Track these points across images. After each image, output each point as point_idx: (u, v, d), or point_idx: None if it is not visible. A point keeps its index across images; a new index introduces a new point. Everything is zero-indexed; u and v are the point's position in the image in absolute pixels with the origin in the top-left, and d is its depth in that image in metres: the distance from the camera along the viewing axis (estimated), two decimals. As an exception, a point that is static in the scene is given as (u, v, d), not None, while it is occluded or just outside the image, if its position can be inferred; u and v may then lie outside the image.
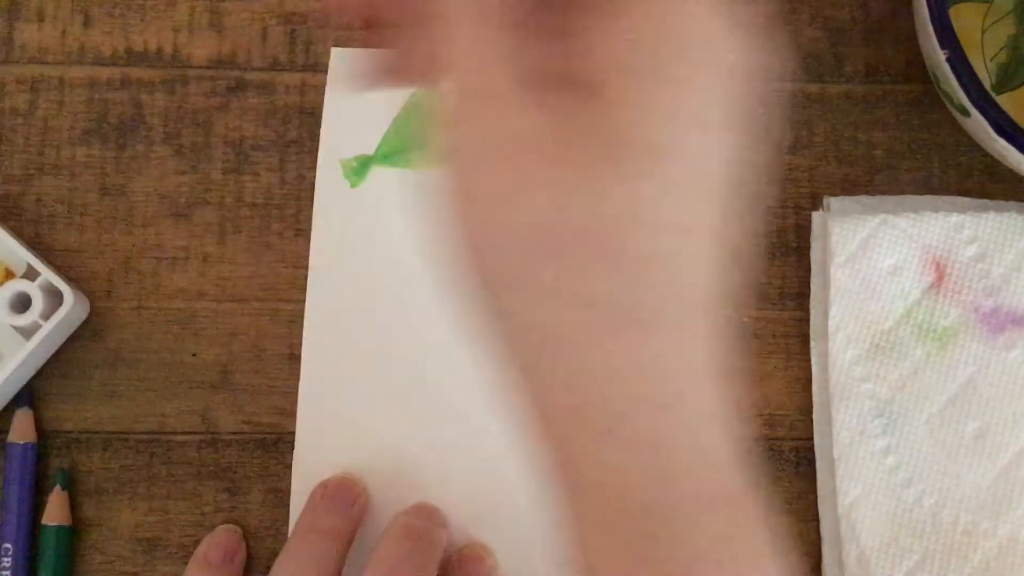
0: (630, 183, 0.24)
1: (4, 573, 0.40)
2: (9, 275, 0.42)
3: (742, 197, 0.27)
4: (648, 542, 0.26)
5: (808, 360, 0.42)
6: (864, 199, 0.43)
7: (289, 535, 0.40)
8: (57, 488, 0.41)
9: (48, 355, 0.42)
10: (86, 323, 0.42)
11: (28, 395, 0.42)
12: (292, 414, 0.42)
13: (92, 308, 0.42)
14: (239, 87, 0.44)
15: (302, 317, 0.42)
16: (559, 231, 0.25)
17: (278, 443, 0.42)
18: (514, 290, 0.26)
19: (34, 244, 0.43)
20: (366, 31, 0.30)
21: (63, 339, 0.42)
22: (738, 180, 0.27)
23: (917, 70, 0.44)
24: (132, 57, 0.44)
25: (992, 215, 0.42)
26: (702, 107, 0.26)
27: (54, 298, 0.41)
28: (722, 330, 0.26)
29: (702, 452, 0.27)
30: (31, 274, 0.41)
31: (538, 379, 0.26)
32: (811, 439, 0.42)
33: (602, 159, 0.24)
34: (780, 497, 0.42)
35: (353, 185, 0.43)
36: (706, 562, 0.26)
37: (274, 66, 0.44)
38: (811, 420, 0.42)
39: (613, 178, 0.24)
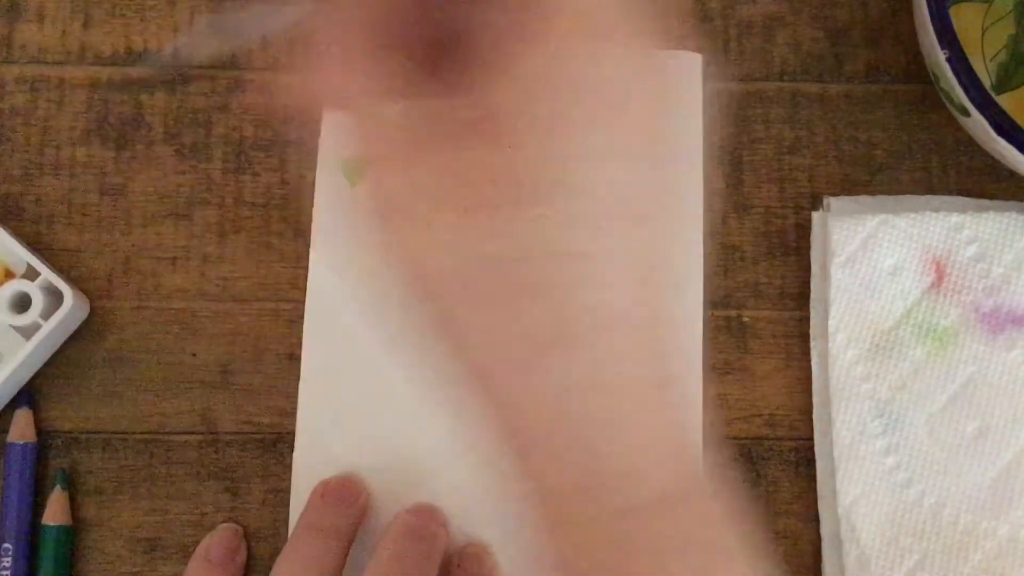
0: (536, 220, 0.27)
1: (4, 573, 0.40)
2: (9, 275, 0.42)
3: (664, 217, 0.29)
4: (617, 543, 0.28)
5: (808, 360, 0.42)
6: (864, 199, 0.43)
7: (290, 535, 0.40)
8: (57, 488, 0.41)
9: (48, 355, 0.42)
10: (86, 323, 0.42)
11: (28, 395, 0.42)
12: (292, 414, 0.42)
13: (92, 308, 0.42)
14: (239, 87, 0.44)
15: (302, 317, 0.42)
16: (482, 271, 0.27)
17: (278, 443, 0.42)
18: (449, 330, 0.28)
19: (34, 244, 0.43)
20: None
21: (63, 339, 0.42)
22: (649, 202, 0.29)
23: (917, 70, 0.44)
24: (132, 57, 0.44)
25: (992, 215, 0.42)
26: (602, 143, 0.28)
27: (54, 298, 0.41)
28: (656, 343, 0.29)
29: (653, 457, 0.29)
30: (31, 274, 0.41)
31: (492, 402, 0.29)
32: (811, 439, 0.42)
33: (510, 201, 0.27)
34: (780, 497, 0.42)
35: (353, 185, 0.43)
36: (674, 561, 0.28)
37: (274, 66, 0.44)
38: (811, 420, 0.42)
39: (521, 217, 0.27)
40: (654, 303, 0.32)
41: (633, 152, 0.30)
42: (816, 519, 0.41)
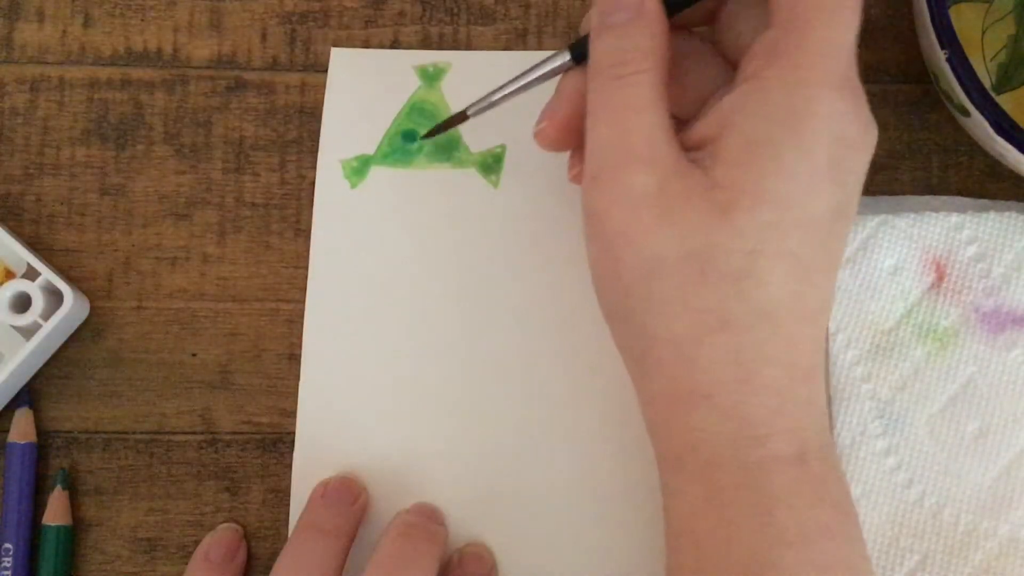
0: None
1: (4, 573, 0.40)
2: (9, 275, 0.42)
3: None
4: None
5: (808, 360, 0.42)
6: (863, 199, 0.43)
7: (290, 535, 0.40)
8: (57, 488, 0.41)
9: (48, 355, 0.42)
10: (86, 323, 0.42)
11: (28, 395, 0.42)
12: (292, 414, 0.42)
13: (92, 308, 0.42)
14: (239, 87, 0.44)
15: (302, 317, 0.42)
16: None
17: (278, 443, 0.42)
18: None
19: (34, 244, 0.43)
20: None
21: (63, 339, 0.42)
22: None
23: (917, 70, 0.44)
24: (132, 57, 0.44)
25: (992, 215, 0.42)
26: None
27: (54, 298, 0.41)
28: None
29: None
30: (31, 274, 0.41)
31: None
32: (811, 439, 0.42)
33: None
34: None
35: (353, 185, 0.43)
36: None
37: (274, 66, 0.44)
38: (811, 420, 0.42)
39: None
40: None
41: None
42: (816, 519, 0.41)
